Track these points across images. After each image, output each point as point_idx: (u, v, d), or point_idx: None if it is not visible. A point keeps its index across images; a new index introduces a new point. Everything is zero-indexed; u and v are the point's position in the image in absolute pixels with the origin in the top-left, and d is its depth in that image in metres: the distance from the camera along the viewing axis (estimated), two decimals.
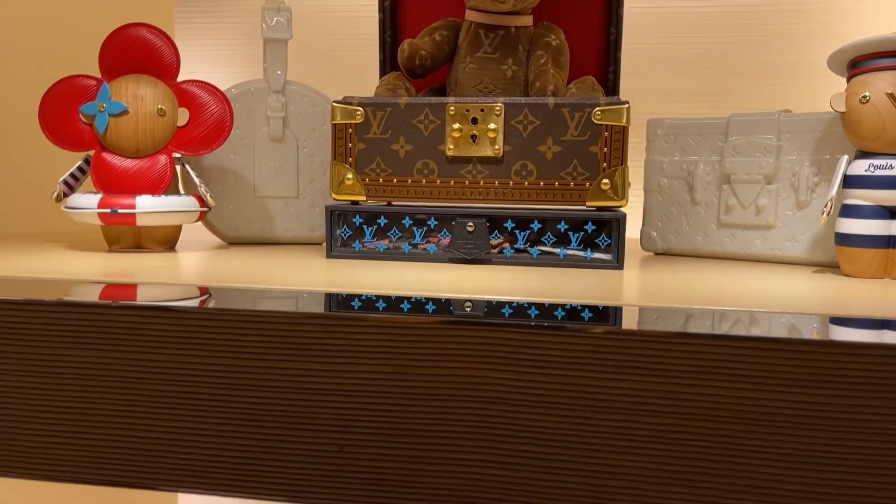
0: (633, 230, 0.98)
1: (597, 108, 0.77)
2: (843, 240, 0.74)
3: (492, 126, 0.79)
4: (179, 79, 0.88)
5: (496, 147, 0.79)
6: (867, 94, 0.72)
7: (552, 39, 0.87)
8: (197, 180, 0.87)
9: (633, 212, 1.00)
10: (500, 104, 0.79)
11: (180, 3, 1.40)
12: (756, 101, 1.26)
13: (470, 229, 0.79)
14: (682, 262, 0.87)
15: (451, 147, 0.80)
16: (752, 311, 0.53)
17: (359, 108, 0.82)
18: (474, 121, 0.80)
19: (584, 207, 0.79)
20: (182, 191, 0.91)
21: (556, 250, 0.79)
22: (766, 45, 1.26)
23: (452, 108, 0.80)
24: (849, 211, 0.74)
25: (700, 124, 0.90)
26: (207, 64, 1.42)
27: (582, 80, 0.85)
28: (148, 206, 0.82)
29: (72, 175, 0.87)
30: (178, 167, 0.89)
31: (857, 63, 0.74)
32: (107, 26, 0.85)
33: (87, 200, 0.82)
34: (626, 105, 0.77)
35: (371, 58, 1.00)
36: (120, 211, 0.81)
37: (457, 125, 0.80)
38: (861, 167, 0.73)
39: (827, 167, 0.81)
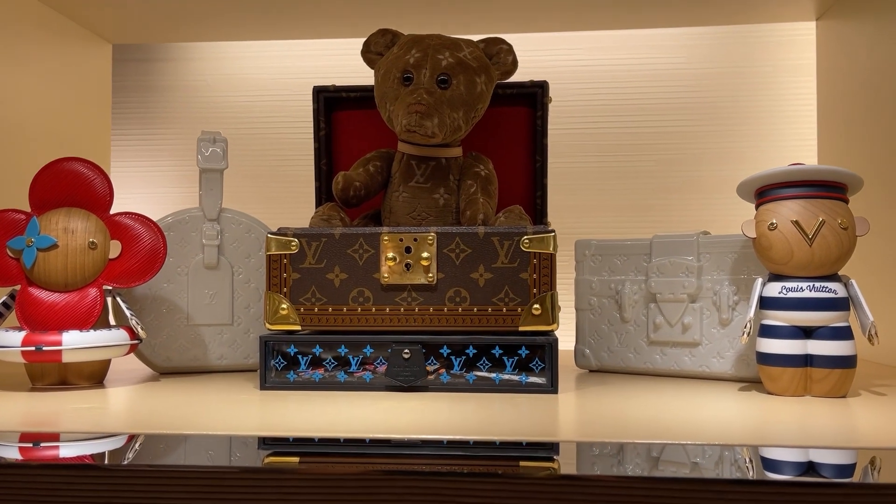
0: (567, 343, 1.00)
1: (525, 237, 0.80)
2: (764, 359, 0.77)
3: (425, 255, 0.81)
4: (114, 208, 0.88)
5: (430, 275, 0.81)
6: (774, 221, 0.77)
7: (481, 169, 0.91)
8: (128, 312, 0.86)
9: (567, 326, 1.03)
10: (432, 233, 0.81)
11: (117, 124, 1.42)
12: (679, 215, 1.33)
13: (406, 356, 0.80)
14: (615, 381, 0.88)
15: (386, 275, 0.82)
16: (685, 444, 0.55)
17: (294, 238, 0.83)
18: (408, 250, 0.82)
19: (517, 332, 0.81)
20: (113, 322, 0.89)
21: (492, 375, 0.80)
22: (683, 164, 1.34)
23: (386, 237, 0.82)
24: (767, 331, 0.77)
25: (625, 245, 0.94)
26: (143, 185, 1.43)
27: (510, 209, 0.89)
28: (75, 343, 0.80)
29: None
30: (108, 299, 0.87)
31: (764, 192, 0.80)
32: (46, 148, 0.84)
33: (10, 338, 0.79)
34: (553, 233, 0.80)
35: (309, 177, 1.03)
36: (45, 348, 0.78)
37: (391, 254, 0.81)
38: (775, 289, 0.77)
39: (745, 286, 0.86)
